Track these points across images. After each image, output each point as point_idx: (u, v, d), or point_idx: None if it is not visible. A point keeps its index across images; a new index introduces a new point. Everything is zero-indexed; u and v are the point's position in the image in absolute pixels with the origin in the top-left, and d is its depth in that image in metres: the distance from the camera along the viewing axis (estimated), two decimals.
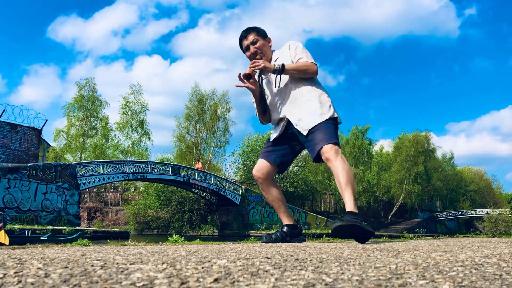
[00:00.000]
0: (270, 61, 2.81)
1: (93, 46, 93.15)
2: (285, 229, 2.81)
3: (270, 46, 2.88)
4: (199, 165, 27.39)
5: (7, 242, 9.30)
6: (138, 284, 0.73)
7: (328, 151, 2.49)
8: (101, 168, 20.78)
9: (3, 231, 10.11)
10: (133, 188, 34.35)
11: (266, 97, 2.85)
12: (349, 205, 2.39)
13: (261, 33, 2.84)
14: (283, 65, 2.64)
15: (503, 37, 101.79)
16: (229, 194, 26.40)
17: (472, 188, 57.22)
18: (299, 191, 33.86)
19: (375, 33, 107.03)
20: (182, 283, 0.74)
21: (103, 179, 20.93)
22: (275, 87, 2.78)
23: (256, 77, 2.82)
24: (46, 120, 24.92)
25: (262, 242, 2.71)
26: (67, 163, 20.07)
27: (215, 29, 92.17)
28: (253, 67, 2.66)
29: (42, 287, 0.71)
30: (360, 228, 2.24)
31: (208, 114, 35.20)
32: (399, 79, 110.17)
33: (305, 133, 2.63)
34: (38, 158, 25.10)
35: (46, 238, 10.73)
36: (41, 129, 24.72)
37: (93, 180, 20.32)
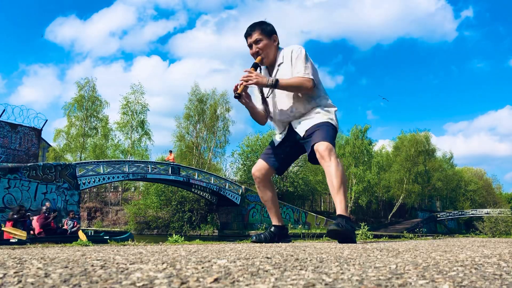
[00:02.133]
0: (273, 62, 2.75)
1: (92, 47, 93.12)
2: (273, 229, 2.90)
3: (277, 45, 2.78)
4: (170, 156, 26.03)
5: (85, 240, 10.29)
6: (138, 284, 0.73)
7: (322, 148, 2.50)
8: (101, 168, 20.78)
9: (81, 230, 12.01)
10: (133, 188, 34.35)
11: (268, 102, 2.83)
12: (340, 209, 2.50)
13: (266, 31, 2.73)
14: (276, 80, 2.59)
15: (499, 38, 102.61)
16: (229, 194, 26.41)
17: (471, 188, 57.24)
18: (299, 191, 33.86)
19: (373, 35, 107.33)
20: (182, 283, 0.74)
21: (103, 179, 20.92)
22: (267, 97, 2.79)
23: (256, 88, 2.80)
24: (46, 120, 24.87)
25: (252, 242, 2.81)
26: (67, 163, 20.07)
27: (212, 30, 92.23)
28: (245, 81, 2.58)
29: (42, 287, 0.71)
30: (350, 237, 2.43)
31: (208, 114, 35.19)
32: (397, 80, 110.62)
33: (302, 134, 2.67)
34: (38, 158, 25.09)
35: (108, 237, 12.07)
36: (41, 129, 24.71)
37: (93, 180, 20.31)
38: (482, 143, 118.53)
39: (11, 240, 9.71)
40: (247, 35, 2.75)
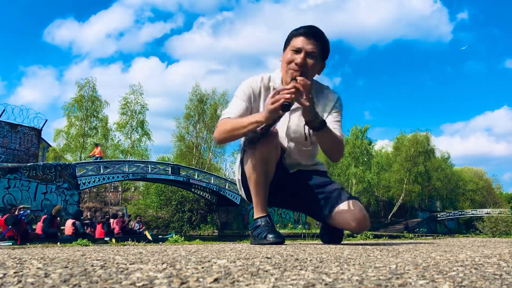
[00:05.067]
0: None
1: (90, 48, 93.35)
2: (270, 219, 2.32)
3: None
4: (96, 150, 22.75)
5: (150, 237, 13.30)
6: (138, 284, 0.73)
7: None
8: (101, 168, 20.78)
9: (146, 231, 15.03)
10: (133, 188, 34.37)
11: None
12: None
13: (325, 51, 2.10)
14: (324, 123, 1.97)
15: (494, 40, 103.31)
16: (229, 194, 26.40)
17: (470, 187, 57.28)
18: None
19: (369, 36, 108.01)
20: (182, 283, 0.74)
21: (103, 179, 20.94)
22: (306, 140, 2.12)
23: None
24: (46, 120, 24.88)
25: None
26: (67, 163, 20.08)
27: (207, 32, 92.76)
28: (300, 97, 1.84)
29: (42, 287, 0.71)
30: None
31: (208, 114, 35.20)
32: (394, 81, 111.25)
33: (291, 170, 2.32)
34: (38, 158, 25.08)
35: (161, 237, 14.11)
36: (41, 129, 24.70)
37: (93, 180, 20.33)
38: (479, 144, 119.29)
39: (105, 239, 12.16)
40: (309, 35, 2.02)
